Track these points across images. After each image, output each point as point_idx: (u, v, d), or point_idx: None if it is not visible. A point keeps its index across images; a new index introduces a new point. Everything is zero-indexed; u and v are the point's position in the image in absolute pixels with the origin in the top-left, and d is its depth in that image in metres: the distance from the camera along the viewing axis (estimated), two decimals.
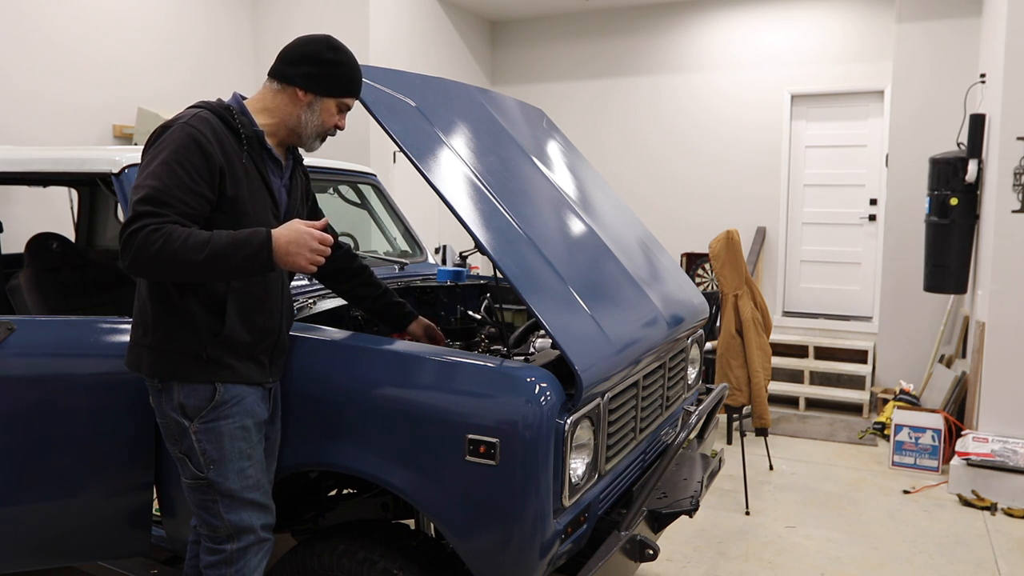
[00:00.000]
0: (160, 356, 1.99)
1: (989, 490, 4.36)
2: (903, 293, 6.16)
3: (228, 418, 2.01)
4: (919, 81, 6.03)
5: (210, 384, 1.99)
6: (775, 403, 6.40)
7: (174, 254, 1.76)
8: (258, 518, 2.06)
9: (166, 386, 2.01)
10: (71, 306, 3.22)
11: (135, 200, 1.82)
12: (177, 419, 2.00)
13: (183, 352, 1.98)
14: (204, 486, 2.02)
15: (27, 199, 4.90)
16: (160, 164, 1.85)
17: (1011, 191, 4.55)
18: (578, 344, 1.98)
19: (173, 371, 1.99)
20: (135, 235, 1.78)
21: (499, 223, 2.20)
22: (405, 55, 6.80)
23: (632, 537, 2.10)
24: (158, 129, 1.93)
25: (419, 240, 3.67)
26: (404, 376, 2.02)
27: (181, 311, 1.97)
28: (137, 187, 1.84)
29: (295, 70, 2.01)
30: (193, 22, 6.15)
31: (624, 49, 7.77)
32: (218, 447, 2.00)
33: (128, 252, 1.79)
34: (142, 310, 2.03)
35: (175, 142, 1.87)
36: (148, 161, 1.88)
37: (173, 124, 1.92)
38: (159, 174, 1.83)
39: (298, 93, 2.02)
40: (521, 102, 3.16)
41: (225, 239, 1.80)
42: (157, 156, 1.87)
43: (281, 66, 2.03)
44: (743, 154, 7.33)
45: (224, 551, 2.04)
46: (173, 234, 1.77)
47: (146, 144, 1.95)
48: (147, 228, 1.77)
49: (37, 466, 2.33)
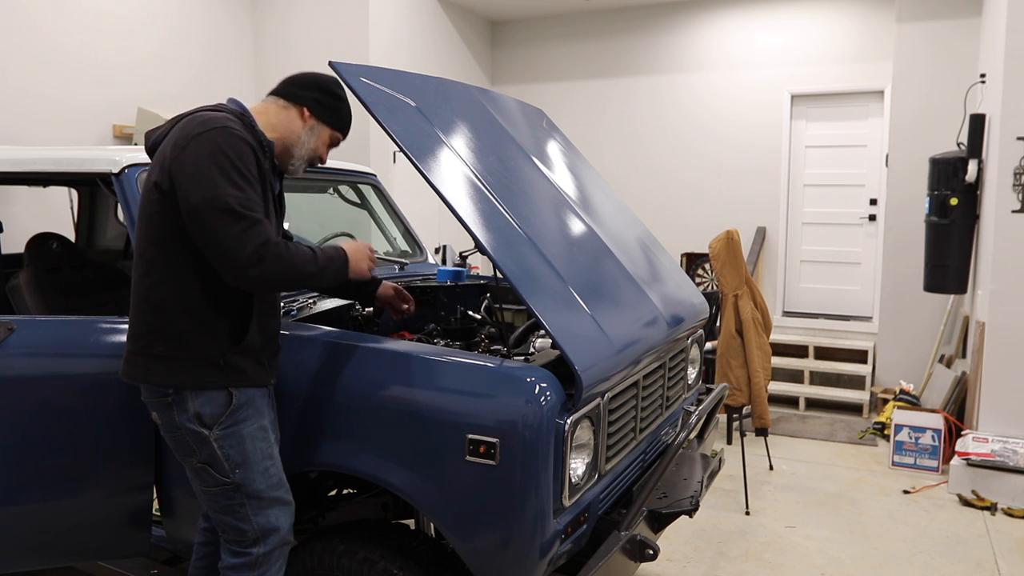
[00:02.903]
0: (174, 365, 1.96)
1: (989, 490, 4.36)
2: (903, 293, 6.16)
3: (246, 421, 2.02)
4: (919, 81, 6.03)
5: (225, 390, 1.99)
6: (775, 403, 6.40)
7: (295, 268, 1.90)
8: (284, 518, 2.07)
9: (178, 397, 1.97)
10: (71, 306, 3.22)
11: (223, 208, 1.81)
12: (194, 429, 1.98)
13: (200, 360, 1.96)
14: (230, 491, 2.01)
15: (27, 199, 4.91)
16: (231, 171, 1.86)
17: (1011, 191, 4.55)
18: (578, 344, 1.98)
19: (189, 379, 1.96)
20: (264, 250, 1.83)
21: (499, 223, 2.20)
22: (405, 55, 6.80)
23: (632, 537, 2.10)
24: (195, 128, 1.89)
25: (419, 240, 3.67)
26: (404, 376, 2.02)
27: (205, 319, 1.97)
28: (215, 195, 1.82)
29: (305, 93, 2.10)
30: (193, 22, 6.15)
31: (624, 49, 7.77)
32: (241, 450, 2.00)
33: (260, 266, 1.83)
34: (152, 319, 1.97)
35: (232, 147, 1.88)
36: (207, 165, 1.85)
37: (213, 127, 1.89)
38: (236, 182, 1.85)
39: (304, 112, 2.09)
40: (521, 102, 3.16)
41: (321, 255, 1.98)
42: (218, 161, 1.85)
43: (290, 87, 2.11)
44: (743, 154, 7.33)
45: (250, 555, 2.04)
46: (291, 250, 1.89)
47: (179, 144, 1.89)
48: (271, 244, 1.85)
49: (37, 466, 2.33)
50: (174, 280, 1.95)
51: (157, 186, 1.92)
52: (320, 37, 6.55)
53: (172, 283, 1.95)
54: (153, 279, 1.96)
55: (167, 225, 1.93)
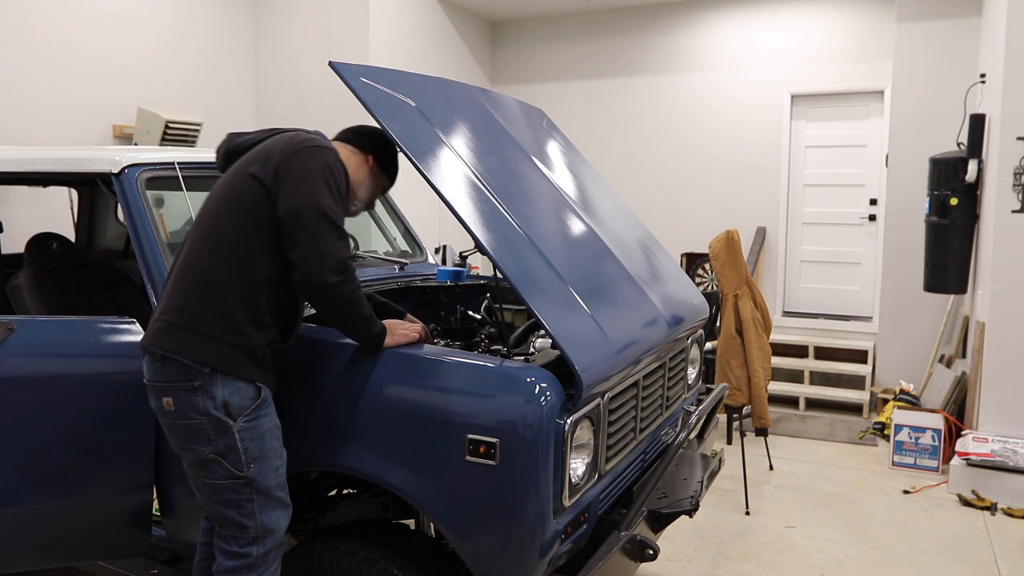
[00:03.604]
0: (217, 346, 1.98)
1: (989, 490, 4.36)
2: (903, 293, 6.16)
3: (267, 417, 2.05)
4: (919, 81, 6.03)
5: (254, 384, 2.03)
6: (775, 403, 6.40)
7: (358, 300, 2.00)
8: (283, 520, 2.09)
9: (207, 382, 1.98)
10: (71, 306, 3.22)
11: (323, 214, 1.94)
12: (219, 417, 1.99)
13: (242, 348, 2.00)
14: (241, 485, 2.02)
15: (27, 199, 4.91)
16: (333, 187, 2.01)
17: (1011, 191, 4.55)
18: (578, 344, 1.98)
19: (225, 364, 1.98)
20: (348, 265, 1.97)
21: (499, 223, 2.20)
22: (405, 55, 6.80)
23: (632, 537, 2.10)
24: (305, 141, 2.05)
25: (419, 240, 3.67)
26: (404, 376, 2.02)
27: (259, 312, 2.02)
28: (318, 201, 1.96)
29: (371, 142, 2.27)
30: (194, 23, 6.15)
31: (624, 49, 7.77)
32: (260, 445, 2.02)
33: (343, 275, 1.95)
34: (207, 297, 2.00)
35: (336, 169, 2.05)
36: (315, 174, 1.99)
37: (322, 145, 2.07)
38: (336, 197, 2.01)
39: (370, 159, 2.25)
40: (521, 102, 3.16)
41: (374, 315, 2.07)
42: (325, 175, 2.01)
43: (358, 136, 2.27)
44: (743, 154, 7.33)
45: (248, 555, 2.04)
46: (358, 286, 2.01)
47: (288, 150, 2.03)
48: (352, 264, 1.99)
49: (37, 466, 2.33)
50: (243, 266, 2.01)
51: (255, 178, 2.02)
52: (320, 37, 6.55)
53: (240, 269, 2.01)
54: (221, 259, 2.01)
55: (254, 214, 2.01)
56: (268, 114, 6.79)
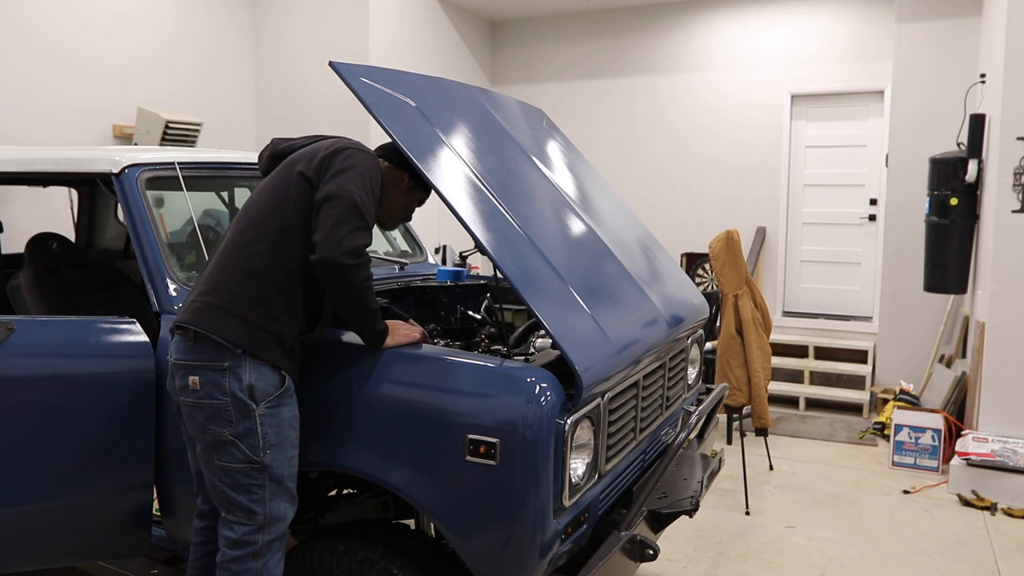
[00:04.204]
0: (251, 329, 2.04)
1: (989, 490, 4.36)
2: (903, 293, 6.16)
3: (288, 406, 2.08)
4: (919, 81, 6.03)
5: (280, 372, 2.06)
6: (775, 403, 6.40)
7: (367, 290, 2.03)
8: (290, 510, 2.11)
9: (237, 363, 2.02)
10: (71, 306, 3.22)
11: (352, 203, 2.01)
12: (243, 400, 2.02)
13: (275, 334, 2.06)
14: (255, 470, 2.04)
15: (27, 199, 4.91)
16: (368, 187, 2.08)
17: (1011, 191, 4.55)
18: (578, 344, 1.98)
19: (256, 347, 2.03)
20: (365, 255, 2.01)
21: (499, 223, 2.20)
22: (405, 55, 6.80)
23: (632, 537, 2.10)
24: (352, 145, 2.16)
25: (419, 240, 3.67)
26: (404, 376, 2.03)
27: (293, 301, 2.09)
28: (351, 192, 2.03)
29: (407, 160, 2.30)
30: (194, 23, 6.15)
31: (624, 48, 7.77)
32: (278, 432, 2.06)
33: (357, 260, 1.99)
34: (248, 282, 2.07)
35: (374, 174, 2.13)
36: (354, 172, 2.08)
37: (367, 152, 2.17)
38: (368, 195, 2.07)
39: (405, 178, 2.30)
40: (521, 102, 3.16)
41: (379, 313, 2.09)
42: (363, 175, 2.09)
43: (395, 154, 2.29)
44: (743, 154, 7.33)
45: (254, 543, 2.05)
46: (369, 276, 2.04)
47: (334, 150, 2.12)
48: (368, 255, 2.03)
49: (37, 466, 2.33)
50: (282, 256, 2.08)
51: (302, 175, 2.12)
52: (320, 37, 6.55)
53: (279, 258, 2.08)
54: (264, 248, 2.08)
55: (298, 207, 2.09)
56: (268, 114, 6.79)
